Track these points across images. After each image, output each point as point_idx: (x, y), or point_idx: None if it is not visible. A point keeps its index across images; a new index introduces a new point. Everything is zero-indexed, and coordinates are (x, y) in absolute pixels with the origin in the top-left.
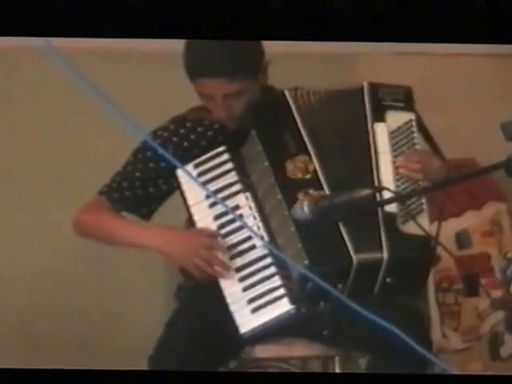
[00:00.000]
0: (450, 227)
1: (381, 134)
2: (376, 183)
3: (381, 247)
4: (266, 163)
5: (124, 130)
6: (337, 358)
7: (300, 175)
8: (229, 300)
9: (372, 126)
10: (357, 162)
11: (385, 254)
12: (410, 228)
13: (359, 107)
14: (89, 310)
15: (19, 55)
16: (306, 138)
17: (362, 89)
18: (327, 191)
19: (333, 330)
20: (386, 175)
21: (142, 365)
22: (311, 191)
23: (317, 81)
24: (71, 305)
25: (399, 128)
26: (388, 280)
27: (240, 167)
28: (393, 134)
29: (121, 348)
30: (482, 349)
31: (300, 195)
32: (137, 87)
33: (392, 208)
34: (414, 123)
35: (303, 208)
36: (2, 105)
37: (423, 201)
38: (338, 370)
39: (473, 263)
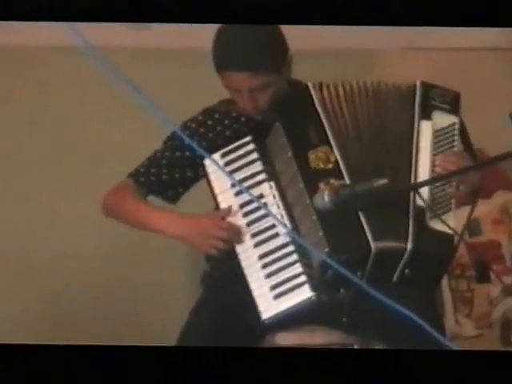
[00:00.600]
0: (462, 215)
1: (425, 131)
2: (413, 178)
3: (403, 237)
4: (290, 154)
5: (154, 122)
6: (356, 346)
7: (322, 165)
8: (252, 286)
9: (419, 123)
10: (394, 155)
11: (409, 245)
12: (436, 224)
13: (408, 103)
14: (116, 291)
15: (53, 54)
16: (327, 130)
17: (414, 86)
18: (348, 181)
19: (352, 317)
20: (424, 171)
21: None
22: (332, 181)
23: (336, 77)
24: (99, 286)
25: (443, 129)
26: (406, 271)
27: (265, 157)
28: (436, 133)
29: (146, 332)
30: (493, 335)
31: (321, 184)
32: (169, 83)
33: (421, 202)
34: (456, 126)
35: (324, 197)
36: (38, 102)
37: (452, 200)
38: None
39: (484, 250)
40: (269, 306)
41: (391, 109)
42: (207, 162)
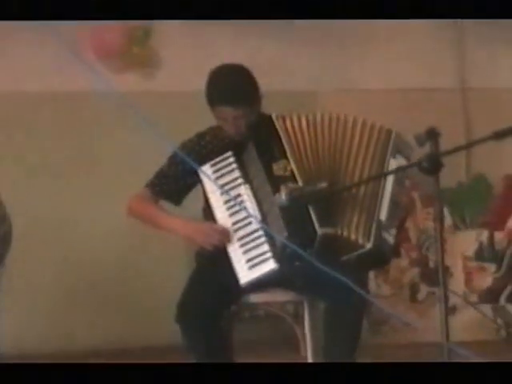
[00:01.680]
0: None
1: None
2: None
3: (346, 228)
4: (259, 165)
5: (160, 144)
6: (305, 303)
7: (282, 173)
8: (233, 259)
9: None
10: (340, 168)
11: (368, 245)
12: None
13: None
14: (128, 273)
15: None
16: (286, 148)
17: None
18: (300, 184)
19: (303, 282)
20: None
21: (171, 313)
22: (290, 184)
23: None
24: (118, 270)
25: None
26: (344, 258)
27: (241, 167)
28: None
29: (155, 298)
30: (404, 295)
31: (282, 187)
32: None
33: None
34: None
35: (281, 196)
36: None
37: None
38: (306, 312)
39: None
40: (245, 274)
41: (359, 140)
42: (200, 172)
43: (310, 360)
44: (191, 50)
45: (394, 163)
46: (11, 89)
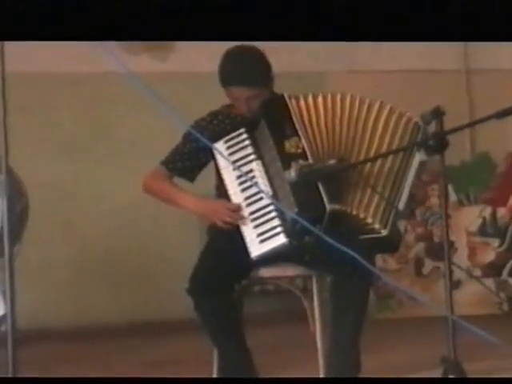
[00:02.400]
0: None
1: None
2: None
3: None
4: (271, 142)
5: (174, 123)
6: (314, 278)
7: (293, 150)
8: (244, 234)
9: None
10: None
11: (384, 232)
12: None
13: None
14: (143, 248)
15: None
16: (297, 126)
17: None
18: (311, 161)
19: (312, 256)
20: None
21: (185, 286)
22: (300, 161)
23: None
24: (132, 245)
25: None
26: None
27: (254, 144)
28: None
29: (169, 271)
30: (409, 269)
31: (293, 164)
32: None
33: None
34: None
35: (290, 173)
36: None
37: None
38: (314, 286)
39: None
40: (256, 248)
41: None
42: (216, 146)
43: (318, 334)
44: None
45: (417, 157)
46: (31, 70)
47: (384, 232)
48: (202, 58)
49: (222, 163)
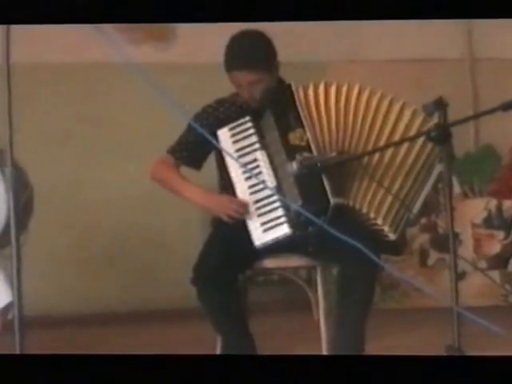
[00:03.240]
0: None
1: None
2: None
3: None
4: (276, 133)
5: (175, 113)
6: (318, 269)
7: (298, 142)
8: (248, 223)
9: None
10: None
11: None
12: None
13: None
14: (147, 237)
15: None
16: (302, 118)
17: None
18: (315, 153)
19: (316, 247)
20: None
21: (188, 276)
22: (305, 153)
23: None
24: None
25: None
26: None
27: (259, 133)
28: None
29: (174, 261)
30: (414, 260)
31: (297, 156)
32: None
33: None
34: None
35: (293, 165)
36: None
37: None
38: (318, 277)
39: None
40: (259, 237)
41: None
42: (219, 133)
43: (322, 325)
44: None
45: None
46: (31, 61)
47: (392, 237)
48: (204, 48)
49: (227, 150)
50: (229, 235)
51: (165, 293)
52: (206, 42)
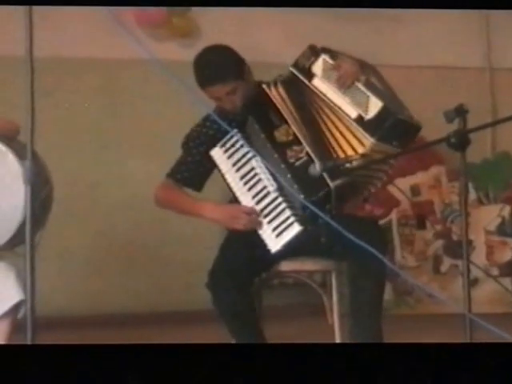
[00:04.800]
0: (407, 182)
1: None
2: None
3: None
4: (263, 136)
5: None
6: (333, 273)
7: (284, 138)
8: (259, 232)
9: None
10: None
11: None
12: None
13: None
14: (161, 238)
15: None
16: (283, 113)
17: None
18: (305, 145)
19: (328, 239)
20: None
21: (202, 279)
22: (295, 147)
23: None
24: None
25: None
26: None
27: (248, 142)
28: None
29: (187, 265)
30: (427, 266)
31: (288, 151)
32: None
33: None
34: None
35: (315, 167)
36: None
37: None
38: (333, 281)
39: (422, 206)
40: (274, 243)
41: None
42: (213, 153)
43: (336, 329)
44: (229, 21)
45: None
46: (55, 55)
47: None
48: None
49: (224, 167)
50: (244, 239)
51: (180, 294)
52: (229, 39)
